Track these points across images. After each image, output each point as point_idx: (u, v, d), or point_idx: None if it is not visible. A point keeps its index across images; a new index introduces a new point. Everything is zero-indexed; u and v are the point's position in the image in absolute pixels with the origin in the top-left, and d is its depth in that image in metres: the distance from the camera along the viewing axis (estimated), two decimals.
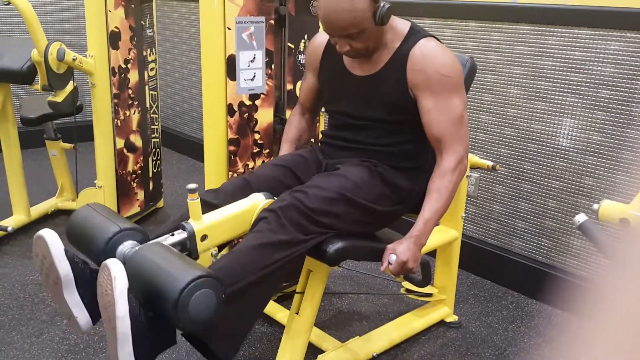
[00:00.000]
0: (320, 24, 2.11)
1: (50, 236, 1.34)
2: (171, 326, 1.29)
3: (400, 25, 1.60)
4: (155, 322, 1.25)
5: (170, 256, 1.26)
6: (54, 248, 1.32)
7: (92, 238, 1.37)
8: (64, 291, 1.34)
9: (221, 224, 1.45)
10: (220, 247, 1.53)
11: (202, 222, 1.42)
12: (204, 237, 1.42)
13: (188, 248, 1.40)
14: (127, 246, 1.35)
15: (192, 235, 1.39)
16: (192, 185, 1.36)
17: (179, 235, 1.39)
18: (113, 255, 1.34)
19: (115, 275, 1.20)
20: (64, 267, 1.32)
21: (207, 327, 1.28)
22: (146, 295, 1.23)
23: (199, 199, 1.39)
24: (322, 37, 1.74)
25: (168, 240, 1.38)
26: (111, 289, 1.20)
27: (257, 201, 1.52)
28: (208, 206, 1.51)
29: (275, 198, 1.54)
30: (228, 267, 1.39)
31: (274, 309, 2.10)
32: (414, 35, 1.58)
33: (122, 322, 1.19)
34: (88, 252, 1.40)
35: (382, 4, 1.48)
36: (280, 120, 2.09)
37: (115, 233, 1.35)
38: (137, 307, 1.22)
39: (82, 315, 1.37)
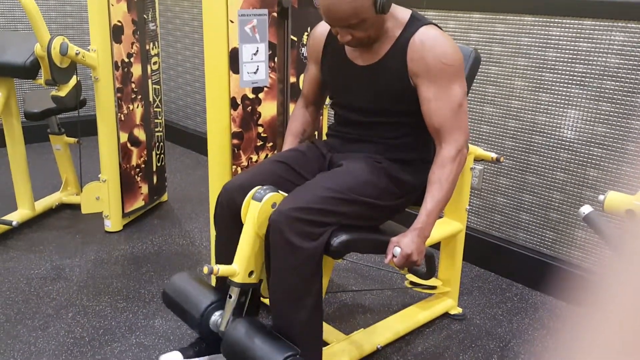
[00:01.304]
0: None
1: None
2: None
3: (401, 13, 1.59)
4: None
5: (256, 336, 1.50)
6: None
7: (188, 313, 1.68)
8: None
9: (248, 257, 1.56)
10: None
11: (237, 272, 1.56)
12: (250, 274, 1.57)
13: (247, 290, 1.62)
14: (217, 316, 1.65)
15: (242, 284, 1.57)
16: (206, 271, 1.49)
17: (234, 292, 1.58)
18: (208, 325, 1.64)
19: None
20: None
21: None
22: None
23: (219, 268, 1.52)
24: (323, 28, 1.74)
25: (230, 303, 1.58)
26: None
27: (253, 214, 1.54)
28: (225, 229, 1.66)
29: (279, 191, 1.54)
30: (286, 327, 1.54)
31: None
32: (415, 23, 1.57)
33: None
34: (186, 322, 1.72)
35: None
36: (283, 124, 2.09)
37: (206, 308, 1.65)
38: None
39: None
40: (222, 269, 1.53)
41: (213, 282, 1.93)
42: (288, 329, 1.53)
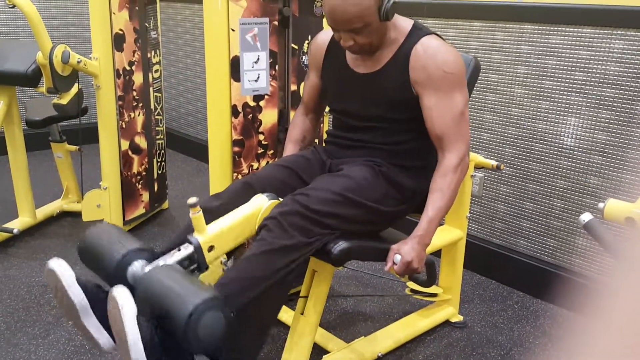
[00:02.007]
0: (324, 25, 2.11)
1: (60, 266, 1.36)
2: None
3: (403, 23, 1.60)
4: (169, 343, 1.27)
5: (177, 278, 1.28)
6: (64, 277, 1.35)
7: (102, 261, 1.40)
8: (82, 317, 1.36)
9: (226, 232, 1.45)
10: (229, 254, 1.53)
11: (207, 234, 1.42)
12: (210, 248, 1.42)
13: (196, 260, 1.41)
14: (136, 267, 1.37)
15: (198, 248, 1.40)
16: (192, 200, 1.36)
17: (186, 249, 1.40)
18: (124, 277, 1.37)
19: (123, 304, 1.22)
20: (77, 295, 1.34)
21: (221, 344, 1.28)
22: (158, 318, 1.26)
23: (201, 211, 1.39)
24: (324, 36, 1.74)
25: (175, 256, 1.38)
26: (120, 318, 1.22)
27: (260, 203, 1.51)
28: (212, 213, 1.51)
29: (280, 199, 1.55)
30: (235, 281, 1.40)
31: None
32: (417, 32, 1.58)
33: (135, 349, 1.21)
34: (100, 273, 1.44)
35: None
36: (285, 130, 2.09)
37: (124, 255, 1.37)
38: (149, 329, 1.24)
39: (102, 337, 1.39)
40: (200, 215, 1.37)
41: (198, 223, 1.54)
42: (231, 294, 1.36)
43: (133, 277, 1.36)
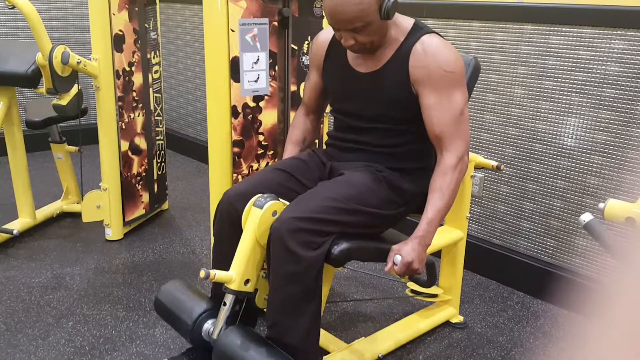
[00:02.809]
0: (324, 25, 2.11)
1: None
2: None
3: (404, 21, 1.60)
4: None
5: (250, 344, 1.47)
6: None
7: (179, 322, 1.66)
8: None
9: (245, 265, 1.55)
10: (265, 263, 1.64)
11: (234, 278, 1.54)
12: (246, 282, 1.56)
13: (243, 296, 1.58)
14: (207, 327, 1.62)
15: (237, 292, 1.55)
16: (203, 275, 1.48)
17: (229, 299, 1.57)
18: (200, 335, 1.62)
19: None
20: None
21: None
22: None
23: (216, 272, 1.51)
24: (326, 35, 1.74)
25: (224, 310, 1.57)
26: None
27: (254, 219, 1.54)
28: (224, 240, 1.64)
29: (280, 200, 1.55)
30: (281, 327, 1.52)
31: None
32: (417, 31, 1.58)
33: None
34: (178, 331, 1.70)
35: None
36: (285, 130, 2.09)
37: (194, 321, 1.62)
38: None
39: None
40: (219, 275, 1.51)
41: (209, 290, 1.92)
42: (284, 339, 1.51)
43: (208, 336, 1.61)
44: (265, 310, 1.61)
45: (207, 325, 1.62)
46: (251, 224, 1.54)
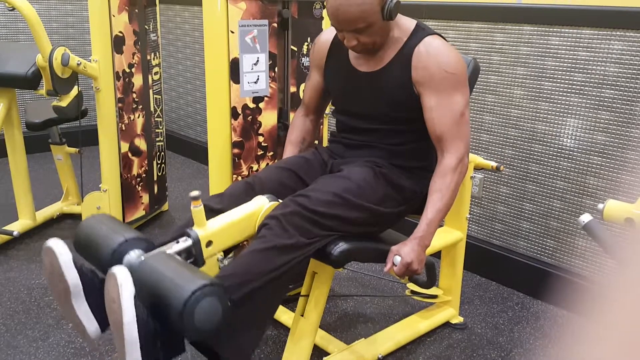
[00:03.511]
0: (323, 26, 2.11)
1: (58, 246, 1.33)
2: (180, 334, 1.28)
3: (407, 22, 1.61)
4: (164, 330, 1.25)
5: (175, 266, 1.26)
6: (62, 258, 1.31)
7: (98, 248, 1.37)
8: (73, 300, 1.33)
9: (225, 229, 1.45)
10: (226, 252, 1.53)
11: (207, 229, 1.41)
12: (209, 244, 1.41)
13: (194, 255, 1.40)
14: (133, 255, 1.34)
15: (197, 242, 1.39)
16: (194, 193, 1.35)
17: (184, 242, 1.39)
18: (120, 260, 1.34)
19: (122, 282, 1.20)
20: (72, 277, 1.31)
21: (217, 335, 1.28)
22: (153, 304, 1.23)
23: (202, 205, 1.39)
24: (328, 35, 1.75)
25: (173, 247, 1.37)
26: (118, 296, 1.20)
27: (261, 204, 1.52)
28: (213, 212, 1.51)
29: (280, 200, 1.55)
30: (233, 274, 1.39)
31: (279, 312, 2.10)
32: (420, 32, 1.59)
33: (129, 328, 1.19)
34: (95, 262, 1.40)
35: None
36: (284, 126, 2.09)
37: (121, 243, 1.35)
38: (145, 314, 1.22)
39: (91, 324, 1.36)
40: (202, 209, 1.37)
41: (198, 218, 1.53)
42: (229, 286, 1.35)
43: (130, 265, 1.32)
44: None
45: (132, 253, 1.35)
46: (257, 203, 1.51)
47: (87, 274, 1.35)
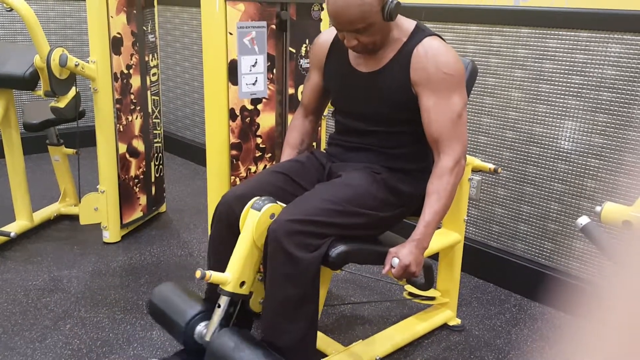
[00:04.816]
0: (322, 28, 2.11)
1: None
2: None
3: (406, 23, 1.61)
4: None
5: (242, 345, 1.45)
6: None
7: (172, 326, 1.63)
8: None
9: (242, 267, 1.54)
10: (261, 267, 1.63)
11: (229, 280, 1.53)
12: (242, 284, 1.55)
13: (238, 299, 1.57)
14: (199, 330, 1.59)
15: (233, 294, 1.54)
16: (199, 275, 1.48)
17: (224, 301, 1.55)
18: (192, 338, 1.59)
19: None
20: None
21: None
22: None
23: (212, 273, 1.50)
24: (327, 35, 1.75)
25: (218, 313, 1.55)
26: None
27: (252, 223, 1.54)
28: (220, 244, 1.63)
29: (278, 202, 1.55)
30: (277, 330, 1.51)
31: None
32: (419, 33, 1.59)
33: None
34: (171, 334, 1.68)
35: (390, 0, 1.49)
36: (283, 132, 2.09)
37: (187, 323, 1.59)
38: None
39: None
40: (215, 276, 1.50)
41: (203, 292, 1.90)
42: (279, 341, 1.50)
43: (200, 339, 1.58)
44: (260, 314, 1.61)
45: (200, 327, 1.59)
46: (249, 226, 1.54)
47: None
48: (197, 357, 1.61)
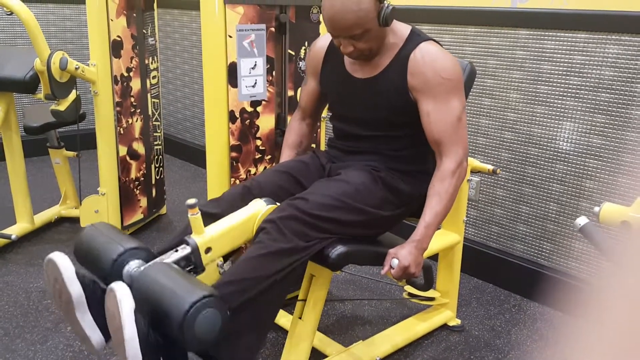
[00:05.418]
0: (321, 31, 2.12)
1: (60, 259, 1.34)
2: (182, 346, 1.29)
3: (402, 28, 1.62)
4: (165, 342, 1.25)
5: (174, 276, 1.27)
6: (65, 270, 1.32)
7: (99, 259, 1.39)
8: (77, 312, 1.34)
9: (224, 234, 1.45)
10: (226, 257, 1.53)
11: (205, 235, 1.42)
12: (208, 250, 1.42)
13: (193, 262, 1.41)
14: (132, 266, 1.36)
15: (195, 249, 1.40)
16: (191, 201, 1.36)
17: (183, 250, 1.40)
18: (120, 275, 1.36)
19: (121, 298, 1.21)
20: (75, 289, 1.32)
21: (218, 344, 1.28)
22: (154, 316, 1.24)
23: (199, 212, 1.39)
24: (323, 41, 1.76)
25: (172, 256, 1.38)
26: (118, 312, 1.21)
27: (259, 208, 1.52)
28: (210, 217, 1.52)
29: (278, 204, 1.55)
30: (230, 281, 1.40)
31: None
32: (415, 38, 1.59)
33: (131, 345, 1.19)
34: (96, 272, 1.42)
35: (386, 5, 1.50)
36: (282, 132, 2.10)
37: (120, 253, 1.36)
38: (146, 328, 1.23)
39: (95, 335, 1.37)
40: (199, 216, 1.37)
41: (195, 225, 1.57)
42: (229, 295, 1.36)
43: (129, 276, 1.35)
44: None
45: (133, 263, 1.36)
46: (254, 207, 1.51)
47: (90, 285, 1.36)
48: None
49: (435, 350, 2.02)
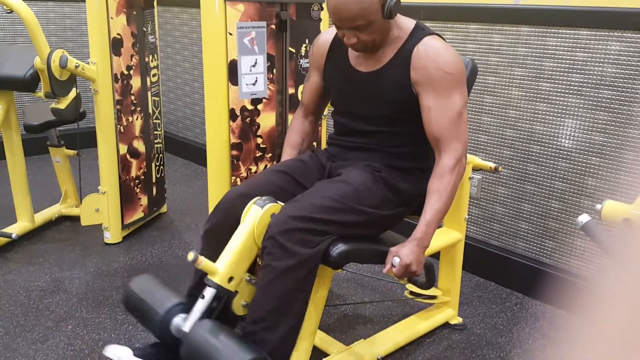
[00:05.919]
0: (321, 28, 2.11)
1: (116, 353, 1.48)
2: None
3: (406, 22, 1.61)
4: None
5: (221, 337, 1.38)
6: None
7: (147, 317, 1.54)
8: None
9: (235, 260, 1.50)
10: (249, 270, 1.59)
11: (220, 271, 1.48)
12: (230, 279, 1.50)
13: (223, 295, 1.50)
14: (177, 321, 1.50)
15: (219, 287, 1.48)
16: (191, 257, 1.42)
17: (209, 293, 1.48)
18: (168, 330, 1.50)
19: None
20: None
21: None
22: None
23: (204, 260, 1.45)
24: (327, 35, 1.75)
25: (201, 304, 1.47)
26: None
27: (254, 217, 1.52)
28: (215, 233, 1.60)
29: (277, 202, 1.55)
30: (255, 320, 1.48)
31: None
32: (419, 32, 1.59)
33: None
34: (146, 327, 1.59)
35: None
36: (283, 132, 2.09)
37: (166, 313, 1.50)
38: None
39: None
40: (206, 262, 1.44)
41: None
42: (262, 335, 1.46)
43: (177, 330, 1.49)
44: (242, 317, 1.56)
45: (178, 319, 1.48)
46: (249, 220, 1.52)
47: (150, 353, 1.53)
48: (171, 351, 1.53)
49: (436, 348, 2.02)
